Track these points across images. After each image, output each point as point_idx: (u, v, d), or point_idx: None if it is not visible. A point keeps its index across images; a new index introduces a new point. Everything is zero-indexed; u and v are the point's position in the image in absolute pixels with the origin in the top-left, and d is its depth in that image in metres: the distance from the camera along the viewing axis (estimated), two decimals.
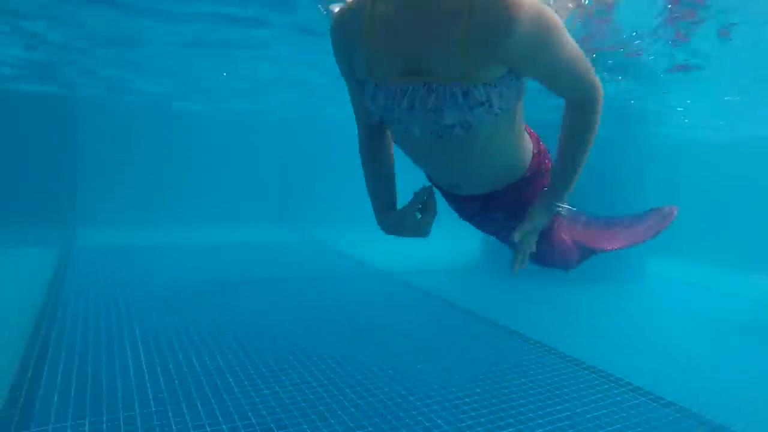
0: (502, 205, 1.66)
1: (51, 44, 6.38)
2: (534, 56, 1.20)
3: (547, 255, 1.92)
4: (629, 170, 7.67)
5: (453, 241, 8.23)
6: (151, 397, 3.04)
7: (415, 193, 1.50)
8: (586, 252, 2.22)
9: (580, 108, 1.38)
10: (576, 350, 4.25)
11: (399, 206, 1.57)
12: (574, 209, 1.59)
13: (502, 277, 7.26)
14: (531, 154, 1.59)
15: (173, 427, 2.71)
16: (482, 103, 1.23)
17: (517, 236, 1.49)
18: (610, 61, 5.49)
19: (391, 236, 1.62)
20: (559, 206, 1.53)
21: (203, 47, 6.28)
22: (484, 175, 1.52)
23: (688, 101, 7.48)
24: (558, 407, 3.22)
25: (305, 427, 2.80)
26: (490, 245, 7.56)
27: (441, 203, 1.67)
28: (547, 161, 1.71)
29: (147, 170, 11.27)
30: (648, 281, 7.63)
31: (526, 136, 1.56)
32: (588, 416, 3.12)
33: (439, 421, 2.95)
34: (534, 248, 1.57)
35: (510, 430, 2.90)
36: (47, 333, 4.00)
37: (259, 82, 8.60)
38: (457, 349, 4.16)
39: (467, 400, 3.25)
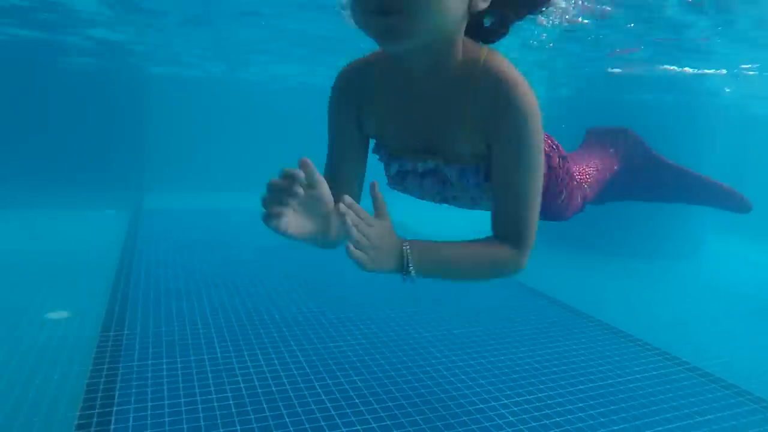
0: None
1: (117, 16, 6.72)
2: (516, 137, 1.13)
3: (553, 211, 1.89)
4: (694, 142, 7.30)
5: None
6: (216, 344, 3.36)
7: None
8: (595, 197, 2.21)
9: (499, 243, 1.28)
10: (624, 323, 4.25)
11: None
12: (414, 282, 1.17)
13: (553, 249, 7.20)
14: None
15: (237, 372, 3.01)
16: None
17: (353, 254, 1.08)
18: None
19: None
20: (410, 276, 1.14)
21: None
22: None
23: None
24: (601, 375, 3.29)
25: (370, 374, 3.03)
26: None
27: None
28: (555, 156, 1.71)
29: (209, 139, 11.86)
30: (705, 258, 7.35)
31: None
32: (630, 386, 3.17)
33: (488, 387, 3.10)
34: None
35: (551, 393, 3.01)
36: (126, 284, 4.44)
37: (314, 47, 8.73)
38: (504, 318, 4.26)
39: (509, 363, 3.37)
